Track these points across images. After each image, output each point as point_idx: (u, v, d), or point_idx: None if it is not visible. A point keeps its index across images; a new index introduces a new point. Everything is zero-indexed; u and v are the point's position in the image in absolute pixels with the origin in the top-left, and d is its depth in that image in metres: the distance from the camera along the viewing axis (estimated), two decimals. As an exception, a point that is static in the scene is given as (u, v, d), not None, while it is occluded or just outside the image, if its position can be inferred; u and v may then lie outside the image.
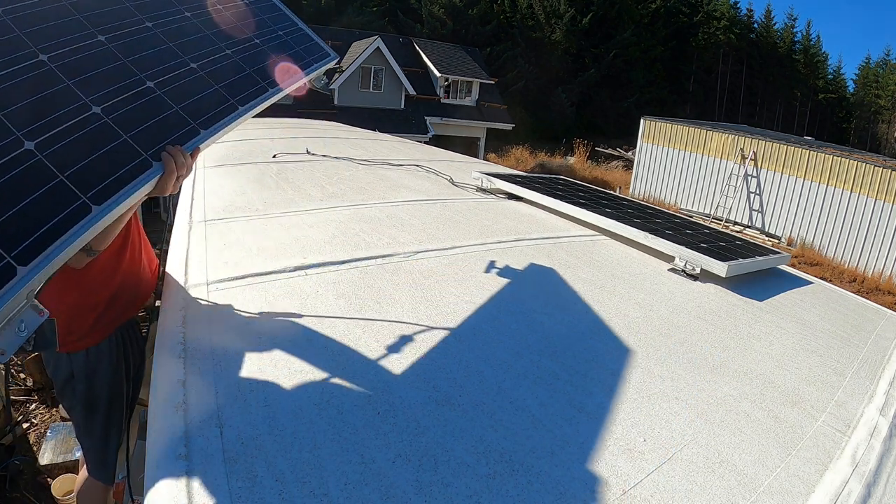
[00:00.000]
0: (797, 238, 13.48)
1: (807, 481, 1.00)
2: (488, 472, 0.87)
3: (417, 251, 1.83)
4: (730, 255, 2.12)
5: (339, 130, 5.10)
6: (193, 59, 1.17)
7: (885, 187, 11.98)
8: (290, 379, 1.06)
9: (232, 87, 1.20)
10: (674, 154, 16.25)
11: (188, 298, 1.36)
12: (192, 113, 1.08)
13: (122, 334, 1.51)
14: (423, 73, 19.94)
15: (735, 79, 36.85)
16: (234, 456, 0.83)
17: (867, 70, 39.95)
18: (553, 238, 2.25)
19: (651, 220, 2.58)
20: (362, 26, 23.31)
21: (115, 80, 1.00)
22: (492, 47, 27.50)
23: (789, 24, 39.30)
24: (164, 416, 0.91)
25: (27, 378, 4.21)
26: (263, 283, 1.46)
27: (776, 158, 13.88)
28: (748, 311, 1.81)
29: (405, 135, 12.97)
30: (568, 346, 1.34)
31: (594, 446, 0.98)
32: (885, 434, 1.21)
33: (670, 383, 1.25)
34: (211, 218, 1.94)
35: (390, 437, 0.92)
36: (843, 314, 2.04)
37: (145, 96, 1.02)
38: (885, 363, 1.63)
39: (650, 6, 32.00)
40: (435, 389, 1.08)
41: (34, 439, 3.57)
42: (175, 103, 1.06)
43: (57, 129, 0.86)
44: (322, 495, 0.78)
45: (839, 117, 38.96)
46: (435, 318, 1.38)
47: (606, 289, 1.76)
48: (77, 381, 1.45)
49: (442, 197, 2.69)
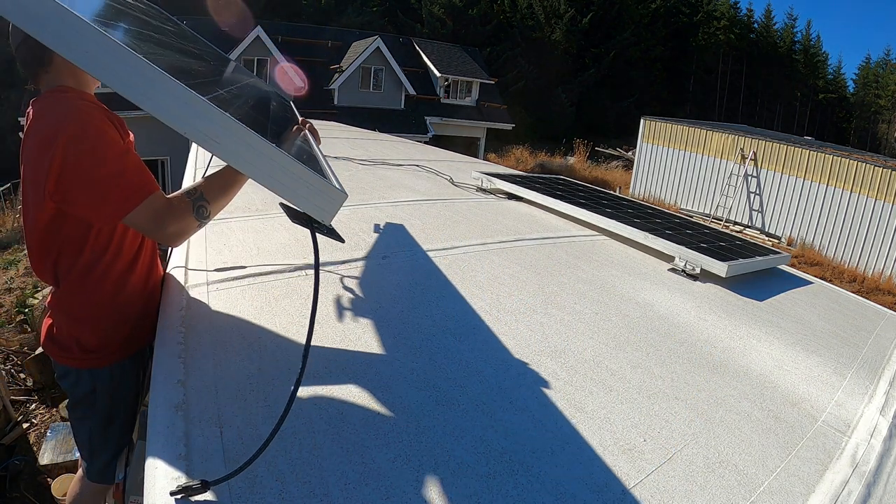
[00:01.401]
0: (797, 238, 13.48)
1: (807, 481, 1.00)
2: (488, 472, 0.87)
3: (417, 251, 1.83)
4: (730, 255, 2.12)
5: (338, 130, 5.10)
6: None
7: (885, 187, 11.97)
8: (290, 379, 1.06)
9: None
10: (674, 154, 16.25)
11: (188, 298, 1.36)
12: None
13: (143, 350, 1.48)
14: (423, 73, 19.94)
15: (735, 79, 36.85)
16: (234, 456, 0.83)
17: (867, 70, 39.96)
18: (553, 238, 2.25)
19: (651, 220, 2.58)
20: (362, 26, 23.32)
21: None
22: (492, 47, 27.51)
23: (789, 23, 39.35)
24: (164, 416, 0.91)
25: (27, 378, 4.21)
26: (263, 282, 1.46)
27: (776, 158, 13.88)
28: (748, 310, 1.81)
29: (405, 135, 12.97)
30: (568, 345, 1.34)
31: (594, 446, 0.98)
32: (885, 434, 1.21)
33: (670, 383, 1.25)
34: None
35: (390, 437, 0.92)
36: (843, 314, 2.04)
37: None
38: (885, 363, 1.63)
39: (650, 6, 32.00)
40: (435, 389, 1.08)
41: (34, 439, 3.57)
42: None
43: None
44: (322, 495, 0.78)
45: (839, 117, 38.96)
46: (435, 317, 1.38)
47: (606, 289, 1.76)
48: (99, 397, 1.40)
49: (442, 197, 2.69)
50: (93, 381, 1.38)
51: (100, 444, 1.49)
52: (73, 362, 1.36)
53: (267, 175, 0.84)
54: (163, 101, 0.79)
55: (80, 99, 1.16)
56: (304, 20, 23.50)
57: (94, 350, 1.35)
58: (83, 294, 1.29)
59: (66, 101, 1.14)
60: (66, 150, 1.07)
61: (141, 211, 1.09)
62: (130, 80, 0.77)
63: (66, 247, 1.22)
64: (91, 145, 1.08)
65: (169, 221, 1.11)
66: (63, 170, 1.07)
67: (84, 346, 1.34)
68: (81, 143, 1.08)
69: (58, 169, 1.07)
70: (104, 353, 1.36)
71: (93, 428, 1.46)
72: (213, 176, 1.22)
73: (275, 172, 0.84)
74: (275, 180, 0.84)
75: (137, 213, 1.09)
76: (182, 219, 1.12)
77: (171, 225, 1.12)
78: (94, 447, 1.51)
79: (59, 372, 1.40)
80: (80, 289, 1.28)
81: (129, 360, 1.41)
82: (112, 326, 1.35)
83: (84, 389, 1.40)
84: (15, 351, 4.58)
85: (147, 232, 1.16)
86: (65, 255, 1.23)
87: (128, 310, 1.36)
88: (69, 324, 1.34)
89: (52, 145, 1.07)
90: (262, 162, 0.84)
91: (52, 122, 1.10)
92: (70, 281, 1.27)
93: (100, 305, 1.31)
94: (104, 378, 1.39)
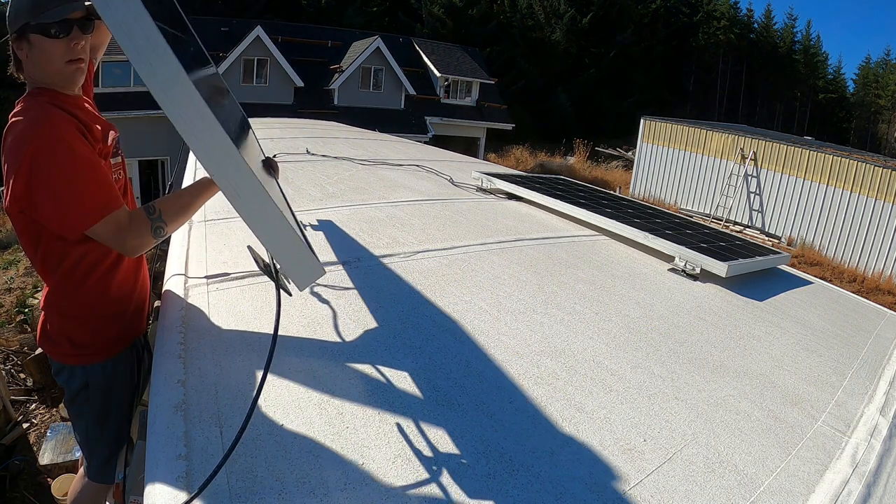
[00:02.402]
0: (797, 238, 13.47)
1: (807, 481, 1.00)
2: (488, 472, 0.87)
3: (417, 251, 1.83)
4: (730, 255, 2.12)
5: (338, 130, 5.10)
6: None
7: (885, 187, 11.96)
8: (290, 379, 1.06)
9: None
10: (674, 154, 16.24)
11: (188, 298, 1.36)
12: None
13: (137, 343, 1.49)
14: (423, 73, 19.92)
15: (735, 78, 36.84)
16: (234, 456, 0.83)
17: (867, 70, 39.94)
18: (553, 238, 2.25)
19: (651, 220, 2.58)
20: (362, 26, 23.29)
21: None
22: (492, 47, 27.48)
23: (789, 24, 39.30)
24: (164, 416, 0.91)
25: (27, 378, 4.21)
26: (263, 282, 1.46)
27: (776, 158, 13.87)
28: (748, 311, 1.81)
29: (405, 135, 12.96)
30: (568, 346, 1.34)
31: (594, 446, 0.98)
32: (885, 434, 1.21)
33: (670, 383, 1.25)
34: (211, 218, 1.94)
35: (390, 437, 0.92)
36: (843, 314, 2.04)
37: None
38: (885, 363, 1.63)
39: (650, 6, 31.99)
40: (435, 389, 1.08)
41: (34, 439, 3.57)
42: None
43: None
44: (322, 495, 0.78)
45: (839, 117, 38.93)
46: (435, 317, 1.38)
47: (606, 289, 1.76)
48: (92, 391, 1.41)
49: (442, 197, 2.69)
50: (86, 376, 1.40)
51: (96, 440, 1.50)
52: (66, 358, 1.38)
53: (269, 237, 0.92)
54: (209, 148, 0.85)
55: (54, 105, 1.18)
56: (304, 20, 23.47)
57: (85, 345, 1.37)
58: (70, 291, 1.30)
59: (40, 109, 1.16)
60: (33, 162, 1.10)
61: (102, 226, 1.15)
62: (192, 125, 0.84)
63: (49, 245, 1.24)
64: (57, 160, 1.12)
65: (129, 237, 1.19)
66: (29, 180, 1.11)
67: (75, 342, 1.36)
68: (47, 157, 1.11)
69: (24, 178, 1.10)
70: (95, 349, 1.38)
71: (89, 423, 1.48)
72: (174, 197, 1.29)
73: (277, 238, 0.92)
74: (275, 244, 0.93)
75: (99, 227, 1.15)
76: (140, 236, 1.20)
77: (131, 241, 1.19)
78: (92, 443, 1.52)
79: (55, 368, 1.43)
80: (67, 286, 1.30)
81: (121, 355, 1.43)
82: (101, 323, 1.37)
83: (78, 385, 1.42)
84: (15, 351, 4.58)
85: (107, 244, 1.21)
86: (50, 255, 1.26)
87: (116, 306, 1.38)
88: (60, 321, 1.35)
89: (19, 155, 1.10)
90: (270, 227, 0.91)
91: (22, 131, 1.13)
92: (57, 278, 1.29)
93: (87, 302, 1.33)
94: (97, 373, 1.40)
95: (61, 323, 1.35)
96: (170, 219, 1.25)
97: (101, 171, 1.19)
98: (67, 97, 1.25)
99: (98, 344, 1.38)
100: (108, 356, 1.40)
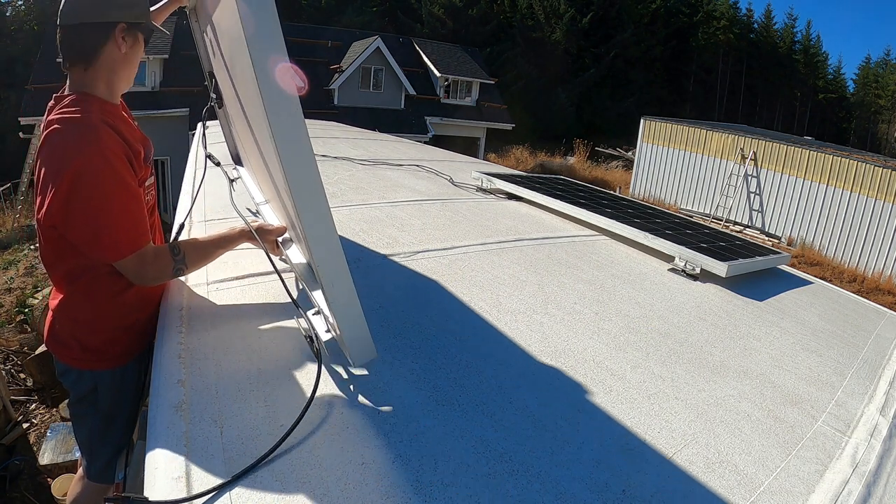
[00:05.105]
0: (797, 238, 13.47)
1: (807, 481, 1.00)
2: (488, 472, 0.87)
3: (417, 251, 1.83)
4: (730, 255, 2.12)
5: (338, 130, 5.10)
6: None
7: (885, 187, 11.97)
8: (290, 379, 1.06)
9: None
10: (674, 154, 16.24)
11: (188, 298, 1.36)
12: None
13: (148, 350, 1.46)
14: (423, 73, 19.92)
15: (735, 79, 36.83)
16: (234, 456, 0.83)
17: (867, 70, 39.92)
18: (553, 238, 2.25)
19: (651, 220, 2.58)
20: (362, 26, 23.29)
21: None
22: (492, 47, 27.48)
23: (789, 24, 39.27)
24: (164, 416, 0.91)
25: (27, 378, 4.21)
26: (263, 282, 1.46)
27: (776, 158, 13.87)
28: (748, 311, 1.81)
29: (405, 135, 12.96)
30: (568, 346, 1.34)
31: (594, 446, 0.98)
32: (885, 434, 1.21)
33: (670, 383, 1.25)
34: (211, 218, 1.94)
35: (390, 437, 0.92)
36: (843, 314, 2.04)
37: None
38: (885, 363, 1.63)
39: (650, 6, 31.98)
40: (435, 389, 1.08)
41: (34, 439, 3.57)
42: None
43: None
44: (322, 495, 0.78)
45: (839, 117, 38.91)
46: (435, 317, 1.38)
47: (606, 289, 1.76)
48: (101, 396, 1.39)
49: (442, 197, 2.69)
50: (94, 380, 1.38)
51: (99, 443, 1.49)
52: (76, 362, 1.36)
53: (345, 320, 1.01)
54: (316, 225, 0.93)
55: (103, 119, 1.14)
56: (304, 20, 23.49)
57: (97, 351, 1.34)
58: (89, 301, 1.29)
59: (88, 122, 1.12)
60: (75, 182, 1.07)
61: (129, 260, 1.16)
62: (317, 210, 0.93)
63: (75, 259, 1.22)
64: (100, 186, 1.09)
65: (149, 272, 1.22)
66: (68, 201, 1.08)
67: (86, 346, 1.34)
68: (90, 181, 1.08)
69: (63, 197, 1.08)
70: (107, 357, 1.36)
71: (93, 426, 1.46)
72: (199, 244, 1.30)
73: (350, 319, 1.01)
74: (347, 323, 1.01)
75: (125, 261, 1.16)
76: (160, 273, 1.24)
77: (150, 275, 1.23)
78: (94, 446, 1.50)
79: (60, 369, 1.40)
80: (86, 297, 1.28)
81: (131, 363, 1.40)
82: (116, 333, 1.35)
83: (85, 388, 1.39)
84: (15, 351, 4.58)
85: (126, 274, 1.22)
86: (74, 268, 1.24)
87: (133, 318, 1.36)
88: (71, 325, 1.33)
89: (62, 168, 1.07)
90: (349, 312, 1.00)
91: (70, 142, 1.10)
92: (76, 288, 1.27)
93: (104, 314, 1.31)
94: (106, 379, 1.38)
95: (73, 327, 1.33)
96: (191, 262, 1.27)
97: (138, 204, 1.18)
98: (114, 108, 1.23)
99: (110, 352, 1.36)
100: (119, 364, 1.38)
